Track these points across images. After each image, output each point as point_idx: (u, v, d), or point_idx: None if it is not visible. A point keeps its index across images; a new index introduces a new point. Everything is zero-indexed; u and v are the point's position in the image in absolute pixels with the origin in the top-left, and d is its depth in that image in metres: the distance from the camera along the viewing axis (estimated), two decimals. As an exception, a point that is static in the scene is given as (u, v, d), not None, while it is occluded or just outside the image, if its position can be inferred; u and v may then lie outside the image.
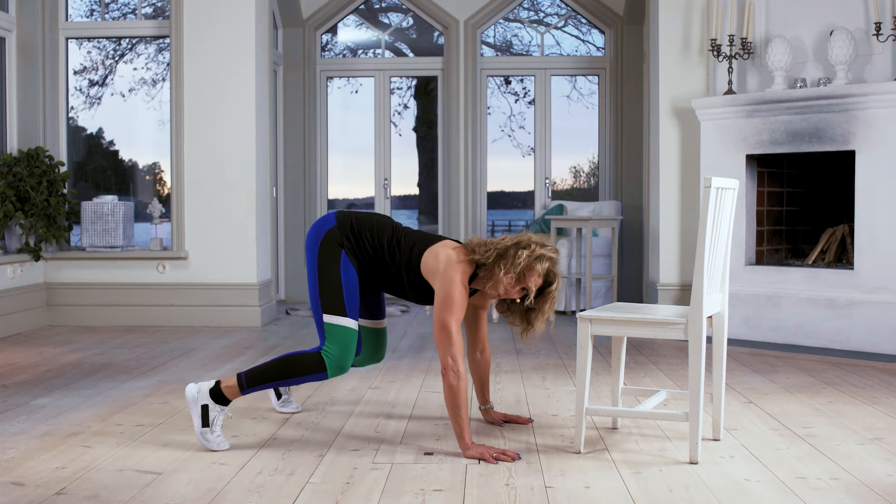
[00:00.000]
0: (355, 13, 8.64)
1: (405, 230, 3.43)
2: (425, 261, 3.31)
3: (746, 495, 2.77)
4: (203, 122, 6.65)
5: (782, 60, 5.76)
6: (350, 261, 3.37)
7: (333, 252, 3.36)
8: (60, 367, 4.91)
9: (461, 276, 3.23)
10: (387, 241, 3.37)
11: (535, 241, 3.26)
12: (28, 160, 6.42)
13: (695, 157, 6.46)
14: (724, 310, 3.44)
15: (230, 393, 3.33)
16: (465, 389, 3.16)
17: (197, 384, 3.35)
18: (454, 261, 3.25)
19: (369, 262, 3.39)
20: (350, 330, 3.35)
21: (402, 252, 3.35)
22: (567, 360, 5.14)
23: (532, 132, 8.61)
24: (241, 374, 3.35)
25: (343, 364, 3.34)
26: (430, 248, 3.33)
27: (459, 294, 3.20)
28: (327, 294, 3.34)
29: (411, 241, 3.37)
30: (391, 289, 3.46)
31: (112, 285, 6.69)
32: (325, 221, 3.44)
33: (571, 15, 8.59)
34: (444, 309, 3.18)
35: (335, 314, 3.34)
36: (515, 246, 3.23)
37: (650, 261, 6.99)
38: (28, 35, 6.70)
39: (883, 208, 5.29)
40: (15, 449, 3.28)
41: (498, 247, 3.25)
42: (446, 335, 3.16)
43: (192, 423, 3.34)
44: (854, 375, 4.71)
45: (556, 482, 2.89)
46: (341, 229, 3.39)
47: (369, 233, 3.39)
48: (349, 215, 3.44)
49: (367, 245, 3.37)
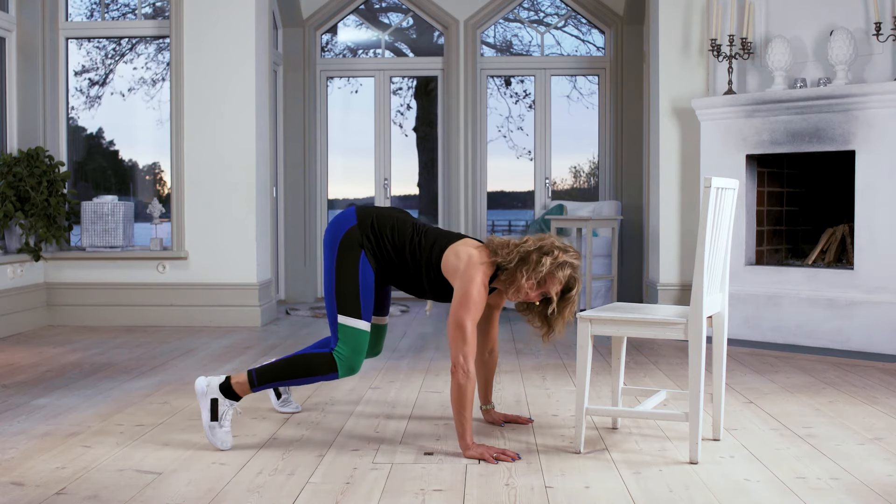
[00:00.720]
0: (355, 13, 8.64)
1: (425, 227, 3.42)
2: (446, 259, 3.29)
3: (746, 495, 2.77)
4: (203, 122, 6.65)
5: (782, 60, 5.76)
6: (369, 261, 3.35)
7: (353, 252, 3.34)
8: (60, 367, 4.91)
9: (482, 277, 3.22)
10: (408, 239, 3.35)
11: (557, 247, 3.23)
12: (28, 160, 6.42)
13: (695, 157, 6.46)
14: (724, 310, 3.44)
15: (240, 389, 3.32)
16: (472, 390, 3.16)
17: (206, 378, 3.34)
18: (476, 260, 3.24)
19: (389, 261, 3.37)
20: (363, 332, 3.34)
21: (423, 250, 3.33)
22: (567, 360, 5.14)
23: (530, 134, 8.61)
24: (251, 371, 3.34)
25: (354, 365, 3.34)
26: (451, 247, 3.31)
27: (478, 294, 3.20)
28: (344, 295, 3.33)
29: (432, 239, 3.36)
30: (409, 286, 3.44)
31: (112, 285, 6.69)
32: (345, 219, 3.40)
33: (571, 15, 8.59)
34: (462, 307, 3.18)
35: (350, 315, 3.32)
36: (538, 251, 3.21)
37: (650, 261, 6.99)
38: (28, 35, 6.70)
39: (883, 208, 5.29)
40: (15, 449, 3.28)
41: (520, 250, 3.23)
42: (461, 334, 3.15)
43: (201, 416, 3.34)
44: (854, 375, 4.71)
45: (556, 482, 2.89)
46: (362, 228, 3.36)
47: (390, 231, 3.36)
48: (370, 213, 3.41)
49: (387, 244, 3.36)
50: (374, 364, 5.02)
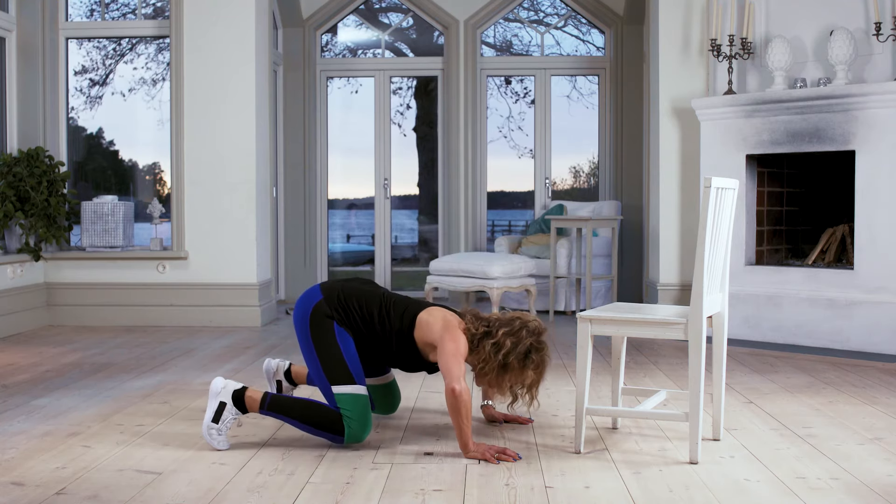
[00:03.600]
0: (355, 13, 8.64)
1: (394, 297, 3.42)
2: (420, 322, 3.31)
3: (746, 495, 2.77)
4: (203, 122, 6.65)
5: (782, 60, 5.76)
6: (344, 329, 3.33)
7: (325, 324, 3.31)
8: (60, 367, 4.91)
9: (462, 339, 3.26)
10: (377, 310, 3.35)
11: (528, 332, 3.27)
12: (28, 160, 6.42)
13: (695, 157, 6.46)
14: (724, 310, 3.44)
15: (251, 404, 3.31)
16: (469, 401, 3.14)
17: (225, 381, 3.34)
18: (453, 323, 3.29)
19: (358, 331, 3.36)
20: (362, 396, 3.28)
21: (393, 320, 3.34)
22: (567, 360, 5.14)
23: (530, 134, 8.61)
24: (268, 394, 3.33)
25: (360, 435, 3.27)
26: (423, 311, 3.34)
27: (464, 347, 3.23)
28: (330, 366, 3.28)
29: (402, 307, 3.37)
30: (377, 357, 3.44)
31: (112, 285, 6.69)
32: (311, 296, 3.38)
33: (571, 15, 8.59)
34: (453, 363, 3.16)
35: (343, 384, 3.28)
36: (506, 335, 3.24)
37: (650, 261, 6.99)
38: (28, 35, 6.70)
39: (883, 208, 5.29)
40: (15, 449, 3.28)
41: (487, 328, 3.28)
42: (455, 395, 3.11)
43: (205, 414, 3.33)
44: (854, 375, 4.71)
45: (556, 482, 2.89)
46: (328, 302, 3.34)
47: (357, 303, 3.35)
48: (334, 287, 3.40)
49: (355, 315, 3.34)
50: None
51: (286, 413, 3.30)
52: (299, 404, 3.31)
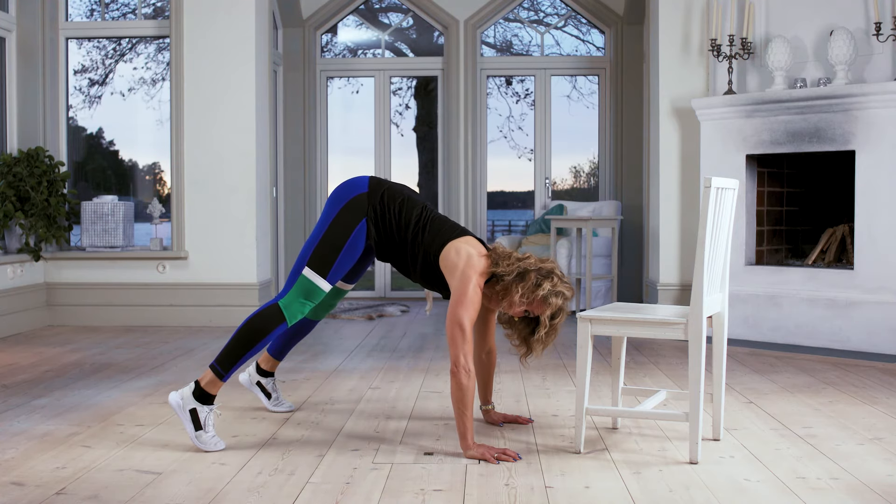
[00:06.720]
0: (355, 13, 8.64)
1: (433, 213, 3.43)
2: (446, 253, 3.31)
3: (746, 495, 2.77)
4: (203, 122, 6.65)
5: (782, 60, 5.76)
6: (368, 231, 3.36)
7: (355, 217, 3.36)
8: (60, 367, 4.91)
9: (478, 279, 3.24)
10: (413, 219, 3.37)
11: (557, 275, 3.28)
12: (28, 160, 6.42)
13: (695, 157, 6.46)
14: (724, 310, 3.44)
15: (212, 388, 3.31)
16: (473, 389, 3.16)
17: (178, 391, 3.33)
18: (475, 262, 3.26)
19: (388, 235, 3.38)
20: (320, 291, 3.36)
21: (426, 235, 3.35)
22: (567, 360, 5.14)
23: (530, 134, 8.61)
24: (212, 364, 3.33)
25: (298, 312, 3.35)
26: (453, 242, 3.32)
27: (475, 293, 3.22)
28: (322, 251, 3.35)
29: (437, 228, 3.37)
30: (400, 264, 3.45)
31: (112, 285, 6.69)
32: (357, 185, 3.43)
33: (571, 15, 8.59)
34: (460, 305, 3.19)
35: (317, 272, 3.35)
36: (538, 272, 3.25)
37: (650, 261, 6.99)
38: (28, 35, 6.70)
39: (883, 208, 5.29)
40: (15, 449, 3.28)
41: (521, 265, 3.26)
42: (461, 332, 3.16)
43: (186, 430, 3.34)
44: (854, 375, 4.71)
45: (556, 482, 2.89)
46: (371, 197, 3.39)
47: (398, 207, 3.38)
48: (381, 185, 3.43)
49: (392, 218, 3.37)
50: (374, 364, 5.03)
51: (237, 355, 3.31)
52: (236, 339, 3.34)
